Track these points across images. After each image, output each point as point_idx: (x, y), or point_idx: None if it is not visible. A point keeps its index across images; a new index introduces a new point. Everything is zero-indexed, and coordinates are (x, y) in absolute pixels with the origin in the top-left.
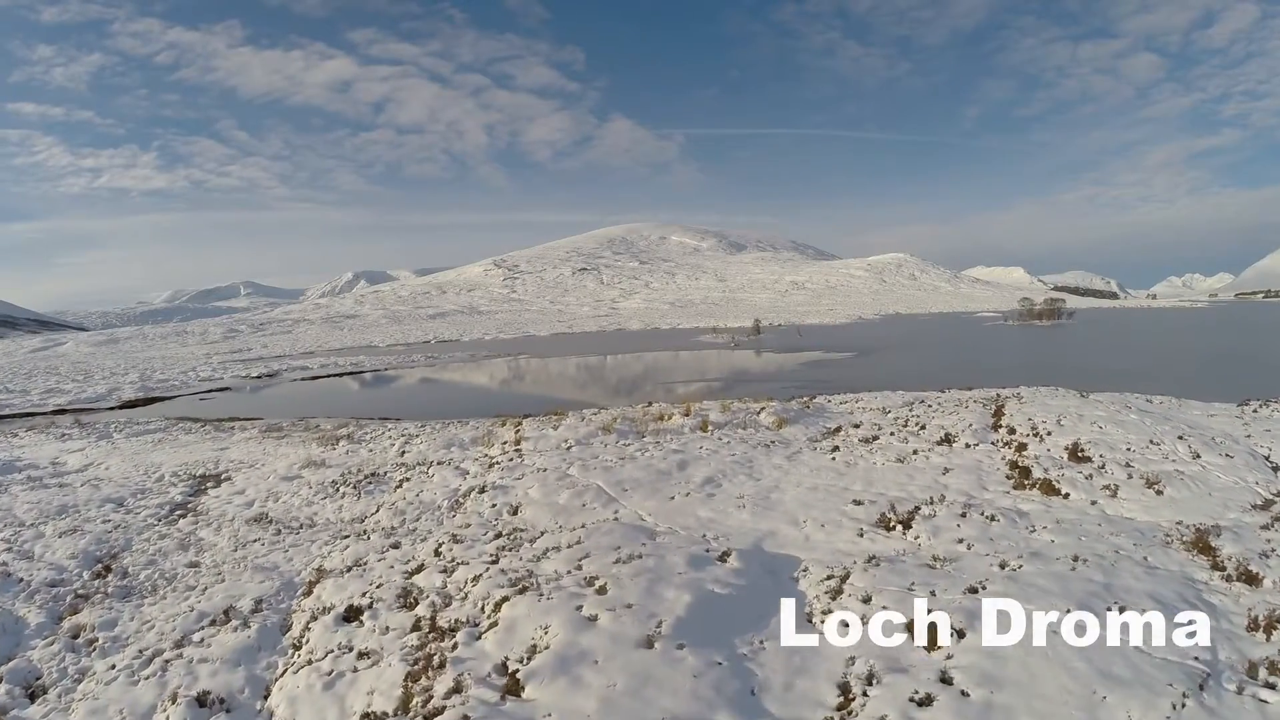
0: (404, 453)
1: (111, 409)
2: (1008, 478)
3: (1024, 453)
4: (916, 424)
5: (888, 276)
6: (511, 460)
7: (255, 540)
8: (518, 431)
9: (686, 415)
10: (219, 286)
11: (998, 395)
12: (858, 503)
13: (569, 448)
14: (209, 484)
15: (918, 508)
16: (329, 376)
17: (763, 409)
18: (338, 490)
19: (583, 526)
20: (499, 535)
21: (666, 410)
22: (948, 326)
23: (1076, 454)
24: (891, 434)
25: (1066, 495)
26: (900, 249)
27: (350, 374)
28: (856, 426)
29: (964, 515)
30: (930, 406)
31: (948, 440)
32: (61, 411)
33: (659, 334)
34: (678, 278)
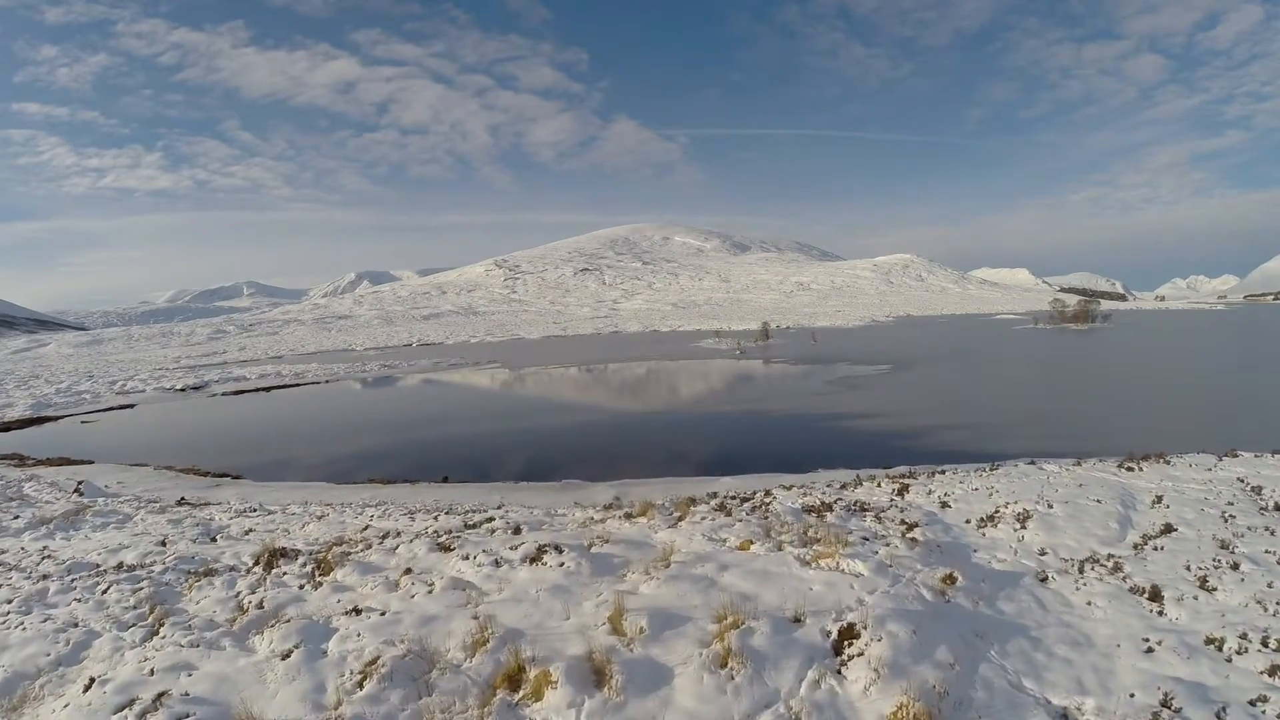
0: None
1: None
2: None
3: None
4: None
5: (895, 277)
6: None
7: None
8: None
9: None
10: (222, 286)
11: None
12: None
13: None
14: None
15: None
16: (257, 390)
17: (850, 652)
18: None
19: None
20: None
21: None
22: (974, 331)
23: None
24: None
25: None
26: (905, 250)
27: (286, 386)
28: None
29: None
30: (1226, 572)
31: None
32: None
33: (656, 337)
34: (681, 278)
